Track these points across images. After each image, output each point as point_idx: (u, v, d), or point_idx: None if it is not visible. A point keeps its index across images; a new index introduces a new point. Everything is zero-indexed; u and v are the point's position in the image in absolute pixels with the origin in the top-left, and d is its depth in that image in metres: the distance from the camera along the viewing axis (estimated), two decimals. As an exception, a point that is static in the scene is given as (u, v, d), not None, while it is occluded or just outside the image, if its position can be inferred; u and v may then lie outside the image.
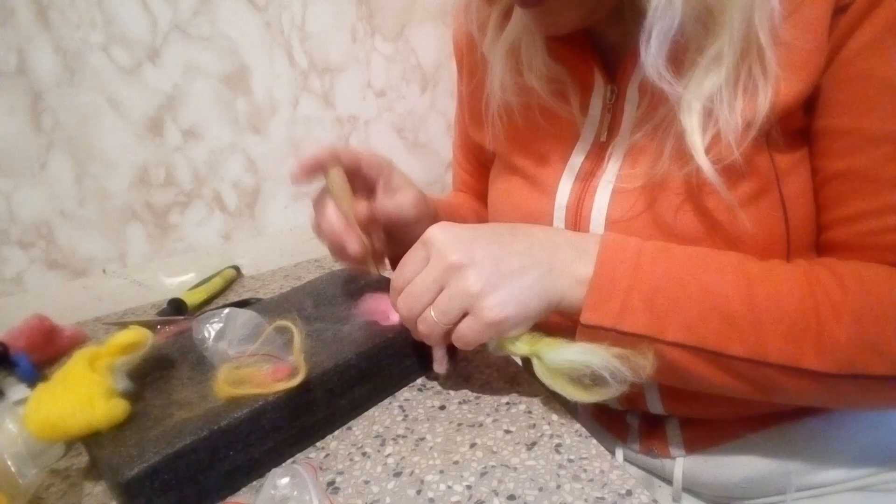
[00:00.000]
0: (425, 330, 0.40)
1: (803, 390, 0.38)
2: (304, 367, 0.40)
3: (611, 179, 0.44)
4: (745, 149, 0.39)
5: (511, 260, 0.39)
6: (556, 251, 0.40)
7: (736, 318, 0.37)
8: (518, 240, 0.41)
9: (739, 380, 0.38)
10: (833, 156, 0.40)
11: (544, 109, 0.49)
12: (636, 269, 0.38)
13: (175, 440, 0.36)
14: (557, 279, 0.39)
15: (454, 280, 0.38)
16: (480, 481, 0.37)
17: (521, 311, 0.38)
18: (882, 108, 0.37)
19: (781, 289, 0.37)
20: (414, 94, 0.95)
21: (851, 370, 0.36)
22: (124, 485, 0.34)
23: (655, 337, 0.37)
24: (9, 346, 0.56)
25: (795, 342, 0.36)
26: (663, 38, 0.37)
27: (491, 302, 0.38)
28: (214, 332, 0.43)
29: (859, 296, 0.36)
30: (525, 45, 0.48)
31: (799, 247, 0.42)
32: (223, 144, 0.83)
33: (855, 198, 0.39)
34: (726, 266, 0.39)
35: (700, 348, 0.37)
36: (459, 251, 0.38)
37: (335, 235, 0.48)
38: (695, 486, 0.54)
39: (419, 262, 0.41)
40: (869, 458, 0.47)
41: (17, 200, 0.73)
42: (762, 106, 0.37)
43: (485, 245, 0.39)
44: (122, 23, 0.73)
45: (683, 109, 0.39)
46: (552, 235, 0.42)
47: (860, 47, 0.37)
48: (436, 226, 0.41)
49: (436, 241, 0.40)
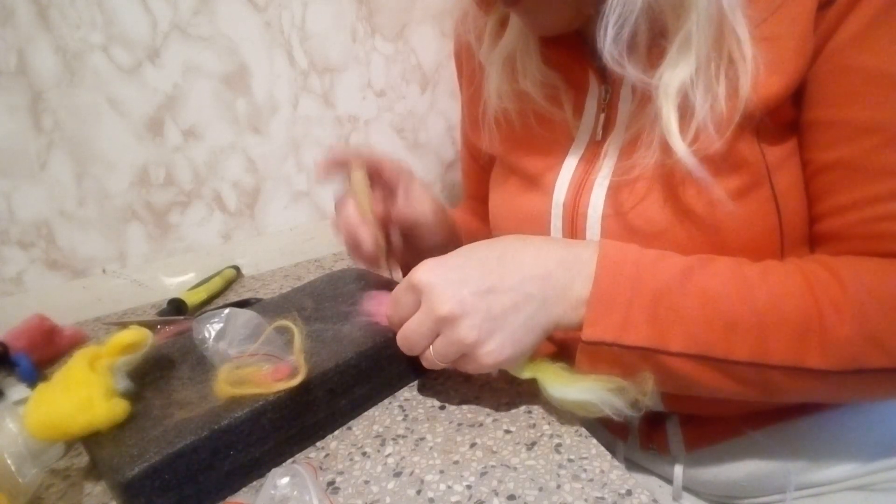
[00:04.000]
0: (428, 364, 0.41)
1: (807, 389, 0.38)
2: (304, 366, 0.40)
3: (607, 175, 0.45)
4: (736, 142, 0.39)
5: (503, 300, 0.38)
6: (547, 279, 0.39)
7: (739, 323, 0.36)
8: (508, 271, 0.39)
9: (744, 384, 0.38)
10: (822, 147, 0.40)
11: (539, 114, 0.49)
12: (636, 280, 0.38)
13: (176, 440, 0.36)
14: (552, 308, 0.39)
15: (448, 331, 0.38)
16: (480, 481, 0.37)
17: (517, 349, 0.39)
18: (870, 98, 0.37)
19: (781, 291, 0.37)
20: (414, 94, 0.95)
21: (855, 366, 0.36)
22: (125, 484, 0.34)
23: (659, 348, 0.37)
24: (9, 346, 0.56)
25: (800, 343, 0.36)
26: (621, 25, 0.37)
27: (487, 349, 0.38)
28: (215, 333, 0.43)
29: (858, 291, 0.36)
30: (520, 52, 0.49)
31: (792, 240, 0.42)
32: (223, 144, 0.83)
33: (845, 188, 0.39)
34: (724, 271, 0.38)
35: (705, 356, 0.37)
36: (450, 301, 0.38)
37: (351, 230, 0.49)
38: (695, 485, 0.54)
39: (411, 306, 0.40)
40: (869, 457, 0.48)
41: (17, 200, 0.73)
42: (743, 93, 0.37)
43: (474, 286, 0.38)
44: (122, 23, 0.72)
45: (660, 97, 0.39)
46: (544, 256, 0.40)
47: (847, 39, 0.37)
48: (423, 267, 0.40)
49: (425, 289, 0.39)
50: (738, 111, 0.38)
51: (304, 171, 0.89)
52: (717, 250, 0.41)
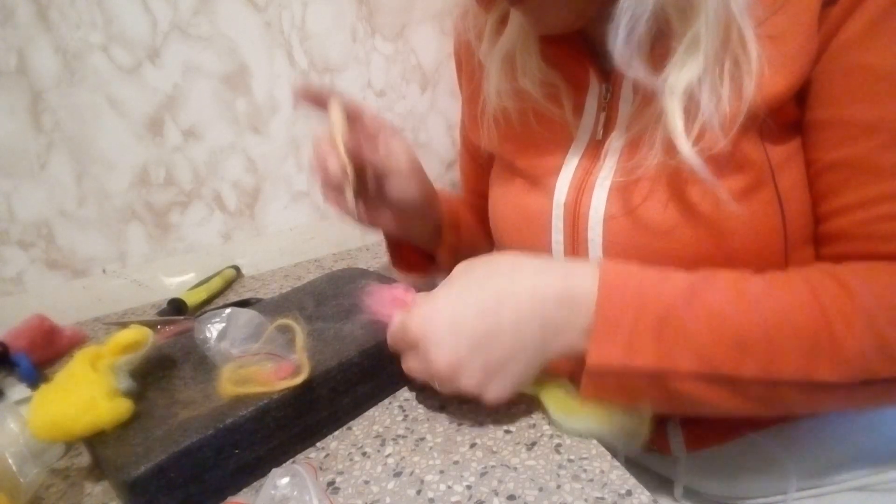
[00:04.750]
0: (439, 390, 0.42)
1: (817, 402, 0.38)
2: (307, 365, 0.41)
3: (608, 176, 0.45)
4: (739, 142, 0.39)
5: (500, 349, 0.38)
6: (546, 319, 0.38)
7: (748, 340, 0.36)
8: (504, 315, 0.38)
9: (754, 401, 0.38)
10: (827, 147, 0.40)
11: (538, 113, 0.49)
12: (639, 302, 0.37)
13: (181, 439, 0.36)
14: (552, 346, 0.39)
15: (449, 384, 0.39)
16: (480, 481, 0.37)
17: (519, 384, 0.40)
18: (875, 97, 0.37)
19: (789, 305, 0.37)
20: (414, 94, 0.95)
21: (865, 377, 0.35)
22: (131, 483, 0.34)
23: (668, 369, 0.36)
24: (9, 346, 0.56)
25: (810, 358, 0.36)
26: (633, 26, 0.37)
27: (488, 393, 0.39)
28: (216, 332, 0.43)
29: (867, 300, 0.36)
30: (520, 50, 0.49)
31: (796, 240, 0.42)
32: (223, 144, 0.83)
33: (851, 188, 0.39)
34: (728, 288, 0.38)
35: (715, 375, 0.36)
36: (445, 357, 0.38)
37: (320, 154, 0.48)
38: (695, 486, 0.54)
39: (409, 351, 0.41)
40: (869, 458, 0.48)
41: (17, 200, 0.73)
42: (748, 93, 0.37)
43: (470, 337, 0.38)
44: (122, 23, 0.72)
45: (666, 97, 0.39)
46: (541, 294, 0.39)
47: (851, 37, 0.37)
48: (418, 318, 0.40)
49: (420, 343, 0.39)
50: (742, 111, 0.37)
51: (304, 171, 0.89)
52: (720, 251, 0.41)
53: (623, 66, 0.38)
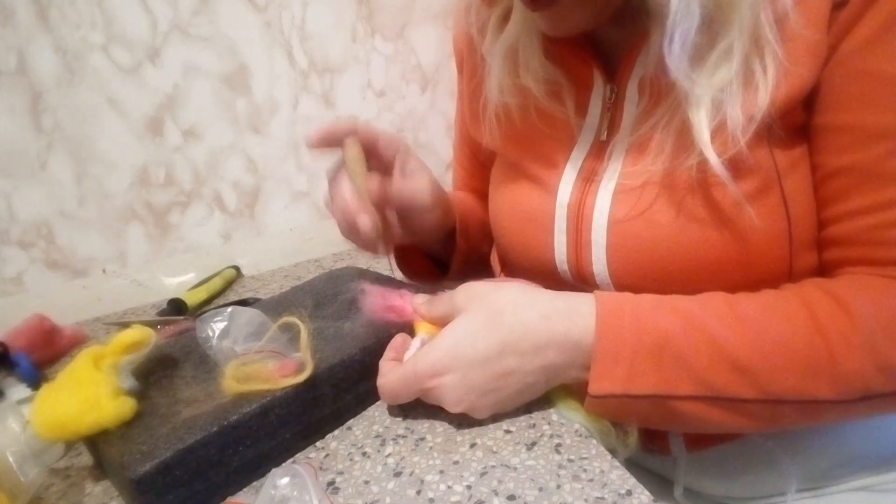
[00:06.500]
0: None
1: (817, 418, 0.38)
2: (310, 362, 0.41)
3: (612, 178, 0.44)
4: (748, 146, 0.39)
5: (507, 389, 0.40)
6: (548, 362, 0.40)
7: (747, 365, 0.36)
8: (509, 366, 0.40)
9: (754, 419, 0.38)
10: (834, 152, 0.40)
11: (541, 110, 0.49)
12: (637, 330, 0.38)
13: (186, 436, 0.36)
14: (553, 382, 0.41)
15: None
16: (480, 481, 0.37)
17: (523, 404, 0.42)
18: (882, 104, 0.37)
19: (787, 328, 0.37)
20: (414, 94, 0.95)
21: (864, 393, 0.36)
22: (136, 481, 0.34)
23: (668, 394, 0.37)
24: (9, 346, 0.56)
25: (809, 378, 0.36)
26: (685, 39, 0.37)
27: (499, 414, 0.42)
28: (219, 331, 0.44)
29: (866, 319, 0.36)
30: (523, 46, 0.48)
31: (801, 244, 0.42)
32: (223, 144, 0.83)
33: (857, 193, 0.39)
34: (726, 313, 0.38)
35: (714, 398, 0.37)
36: (457, 406, 0.40)
37: (347, 211, 0.48)
38: (696, 486, 0.54)
39: (421, 394, 0.42)
40: (869, 459, 0.48)
41: (17, 200, 0.73)
42: (762, 99, 0.37)
43: (481, 388, 0.40)
44: (122, 23, 0.73)
45: (692, 104, 0.39)
46: (544, 340, 0.39)
47: (859, 43, 0.37)
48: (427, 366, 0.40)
49: (431, 392, 0.40)
50: (757, 116, 0.38)
51: (304, 171, 0.89)
52: (727, 255, 0.41)
53: (681, 77, 0.38)
